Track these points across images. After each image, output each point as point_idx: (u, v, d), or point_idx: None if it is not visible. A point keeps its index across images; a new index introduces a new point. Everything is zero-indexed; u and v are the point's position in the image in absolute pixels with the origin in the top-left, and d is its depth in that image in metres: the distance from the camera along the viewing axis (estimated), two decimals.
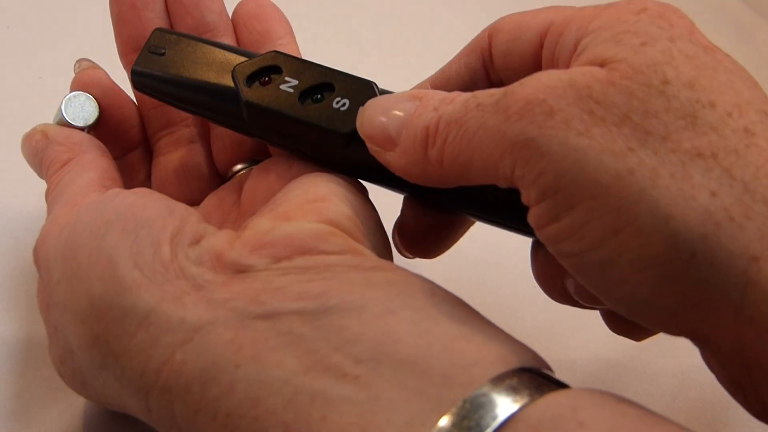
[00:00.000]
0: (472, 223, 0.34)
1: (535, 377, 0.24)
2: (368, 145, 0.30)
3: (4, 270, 0.39)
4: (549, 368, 0.26)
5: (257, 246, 0.28)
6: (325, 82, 0.32)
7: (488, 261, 0.43)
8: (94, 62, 0.38)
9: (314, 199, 0.30)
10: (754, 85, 0.26)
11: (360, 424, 0.23)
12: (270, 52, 0.34)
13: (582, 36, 0.27)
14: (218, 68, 0.34)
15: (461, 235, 0.34)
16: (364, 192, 0.33)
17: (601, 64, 0.25)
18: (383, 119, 0.29)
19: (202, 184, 0.37)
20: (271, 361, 0.25)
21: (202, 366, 0.26)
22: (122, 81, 0.38)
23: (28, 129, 0.46)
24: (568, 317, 0.42)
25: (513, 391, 0.23)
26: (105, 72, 0.37)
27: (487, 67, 0.32)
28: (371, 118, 0.30)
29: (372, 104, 0.30)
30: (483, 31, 0.32)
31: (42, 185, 0.38)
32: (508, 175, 0.26)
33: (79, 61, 0.38)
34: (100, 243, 0.28)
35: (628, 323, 0.30)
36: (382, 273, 0.27)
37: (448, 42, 0.34)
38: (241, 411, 0.25)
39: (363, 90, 0.32)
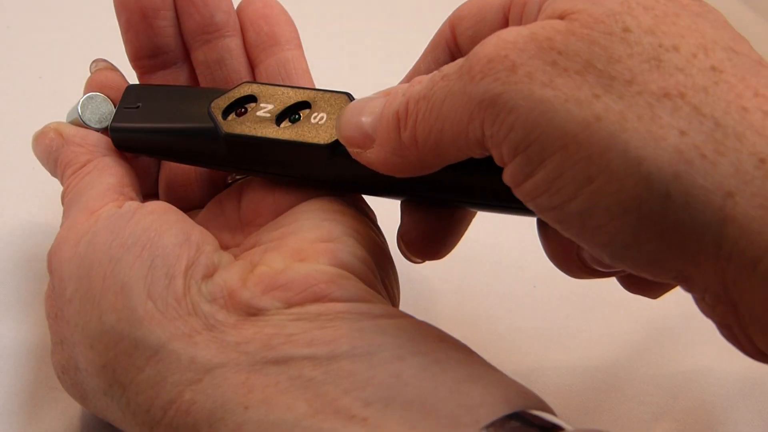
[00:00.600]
0: (472, 217, 0.34)
1: (537, 419, 0.25)
2: (349, 149, 0.30)
3: (3, 270, 0.39)
4: (552, 411, 0.26)
5: (270, 286, 0.29)
6: (300, 102, 0.33)
7: (484, 263, 0.43)
8: (111, 63, 0.37)
9: (329, 239, 0.30)
10: (723, 24, 0.26)
11: None
12: (242, 83, 0.34)
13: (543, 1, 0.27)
14: (194, 110, 0.34)
15: (464, 230, 0.34)
16: (373, 220, 0.33)
17: (561, 17, 0.25)
18: (359, 120, 0.29)
19: (204, 190, 0.37)
20: (280, 404, 0.26)
21: (211, 407, 0.26)
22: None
23: (28, 129, 0.46)
24: (567, 318, 0.42)
25: (519, 431, 0.24)
26: (121, 74, 0.37)
27: (456, 57, 0.32)
28: (347, 121, 0.30)
29: (347, 109, 0.30)
30: (444, 23, 0.32)
31: (42, 183, 0.38)
32: (479, 137, 0.25)
33: (95, 61, 0.38)
34: (115, 268, 0.29)
35: (642, 281, 0.30)
36: (392, 320, 0.28)
37: (424, 38, 0.34)
38: None
39: (339, 102, 0.32)
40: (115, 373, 0.28)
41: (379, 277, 0.31)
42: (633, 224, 0.23)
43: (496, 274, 0.43)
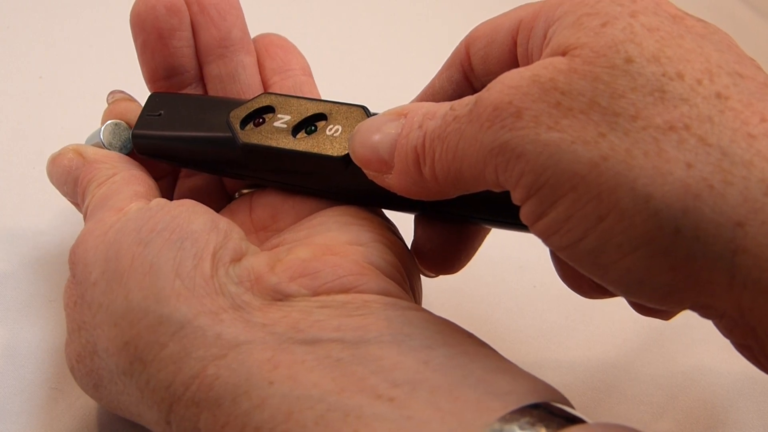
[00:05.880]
0: (488, 231, 0.34)
1: (561, 411, 0.25)
2: (365, 171, 0.30)
3: (3, 272, 0.39)
4: (572, 407, 0.26)
5: (298, 274, 0.29)
6: (316, 114, 0.33)
7: (484, 263, 0.43)
8: (128, 94, 0.38)
9: (357, 242, 0.31)
10: (728, 46, 0.26)
11: None
12: (261, 94, 0.34)
13: (549, 25, 0.27)
14: (213, 119, 0.34)
15: (479, 244, 0.35)
16: (398, 234, 0.33)
17: (564, 53, 0.25)
18: (373, 144, 0.30)
19: (214, 203, 0.38)
20: (306, 380, 0.26)
21: (235, 381, 0.26)
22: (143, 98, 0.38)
23: (28, 129, 0.46)
24: (567, 318, 0.42)
25: (545, 419, 0.24)
26: (138, 104, 0.37)
27: (469, 77, 0.32)
28: (361, 143, 0.30)
29: (360, 129, 0.30)
30: (460, 43, 0.32)
31: (42, 183, 0.37)
32: (495, 180, 0.26)
33: (112, 92, 0.38)
34: (144, 250, 0.29)
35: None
36: (419, 312, 0.28)
37: (440, 59, 0.34)
38: (271, 424, 0.25)
39: (354, 115, 0.33)
40: (138, 350, 0.28)
41: (408, 283, 0.32)
42: (644, 260, 0.24)
43: (496, 274, 0.43)
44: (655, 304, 0.25)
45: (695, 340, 0.41)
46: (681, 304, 0.25)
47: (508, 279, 0.43)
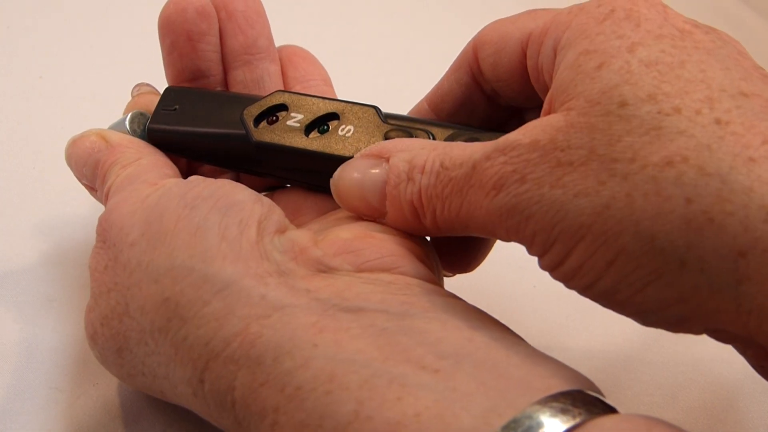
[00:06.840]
0: None
1: (599, 401, 0.25)
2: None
3: (3, 271, 0.39)
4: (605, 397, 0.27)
5: (342, 250, 0.29)
6: (329, 113, 0.34)
7: (485, 262, 0.43)
8: (154, 87, 0.38)
9: (389, 232, 0.31)
10: (735, 61, 0.26)
11: (435, 408, 0.24)
12: (275, 91, 0.35)
13: (557, 45, 0.28)
14: (228, 116, 0.35)
15: (493, 242, 0.35)
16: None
17: (561, 104, 0.26)
18: (361, 192, 0.30)
19: None
20: (351, 347, 0.26)
21: (278, 341, 0.26)
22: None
23: (28, 129, 0.46)
24: (567, 318, 0.42)
25: (588, 403, 0.24)
26: None
27: (478, 79, 0.33)
28: (347, 193, 0.31)
29: (341, 178, 0.31)
30: (467, 45, 0.33)
31: (42, 183, 0.37)
32: (507, 238, 0.27)
33: (138, 85, 0.38)
34: (191, 212, 0.29)
35: None
36: (460, 301, 0.29)
37: (449, 58, 0.34)
38: (313, 384, 0.25)
39: (367, 115, 0.33)
40: (178, 306, 0.28)
41: (438, 275, 0.32)
42: (655, 294, 0.25)
43: (496, 274, 0.43)
44: (673, 331, 0.26)
45: (695, 339, 0.41)
46: (694, 330, 0.26)
47: (508, 279, 0.43)
